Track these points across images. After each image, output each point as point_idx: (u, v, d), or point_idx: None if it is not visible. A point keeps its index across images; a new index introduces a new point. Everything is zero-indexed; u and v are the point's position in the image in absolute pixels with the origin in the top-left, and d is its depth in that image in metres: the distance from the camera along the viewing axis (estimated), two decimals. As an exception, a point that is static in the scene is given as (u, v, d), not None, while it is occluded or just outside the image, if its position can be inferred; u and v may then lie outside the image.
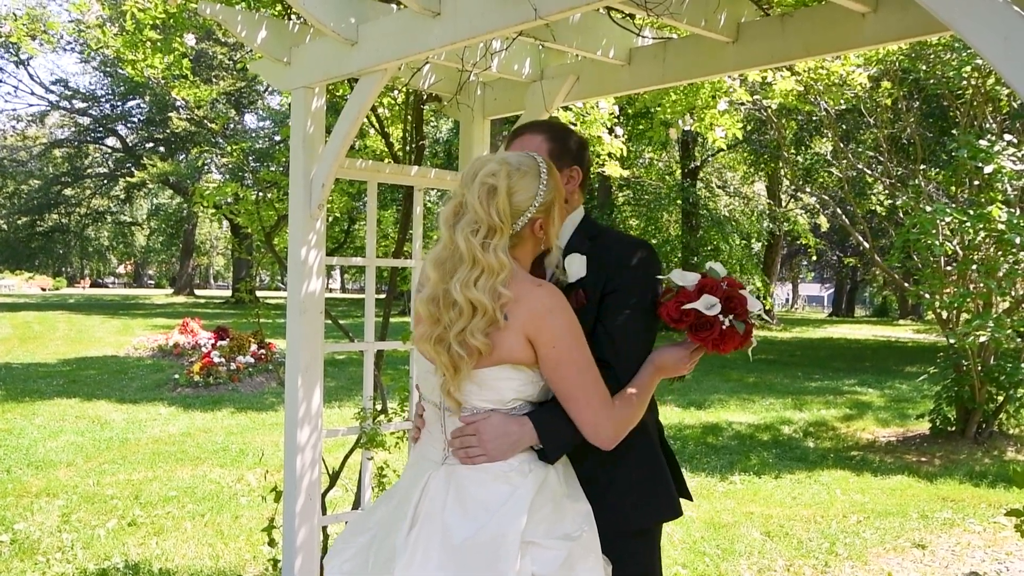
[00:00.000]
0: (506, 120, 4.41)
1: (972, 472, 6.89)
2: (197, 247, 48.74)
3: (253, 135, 33.87)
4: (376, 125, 3.93)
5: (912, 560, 4.78)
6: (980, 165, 6.61)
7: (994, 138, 6.75)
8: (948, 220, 6.66)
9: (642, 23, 2.88)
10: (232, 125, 35.03)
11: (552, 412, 1.86)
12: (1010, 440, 7.96)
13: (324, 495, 3.40)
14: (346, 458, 3.63)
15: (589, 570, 1.80)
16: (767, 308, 23.91)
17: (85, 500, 5.65)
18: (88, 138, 40.13)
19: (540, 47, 3.11)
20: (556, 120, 2.49)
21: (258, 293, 32.21)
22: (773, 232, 24.47)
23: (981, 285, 7.21)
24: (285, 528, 2.89)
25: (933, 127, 13.81)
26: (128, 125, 39.20)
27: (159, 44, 4.18)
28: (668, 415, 9.26)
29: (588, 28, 2.76)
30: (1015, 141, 6.86)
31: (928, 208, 7.03)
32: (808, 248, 19.87)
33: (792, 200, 23.54)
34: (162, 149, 38.10)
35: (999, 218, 6.35)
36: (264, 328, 14.22)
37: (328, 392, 9.47)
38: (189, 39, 4.20)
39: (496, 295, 1.76)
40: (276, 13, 3.48)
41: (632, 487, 2.01)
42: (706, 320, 1.88)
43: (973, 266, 7.15)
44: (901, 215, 8.53)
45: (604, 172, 4.49)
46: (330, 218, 5.02)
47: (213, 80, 30.97)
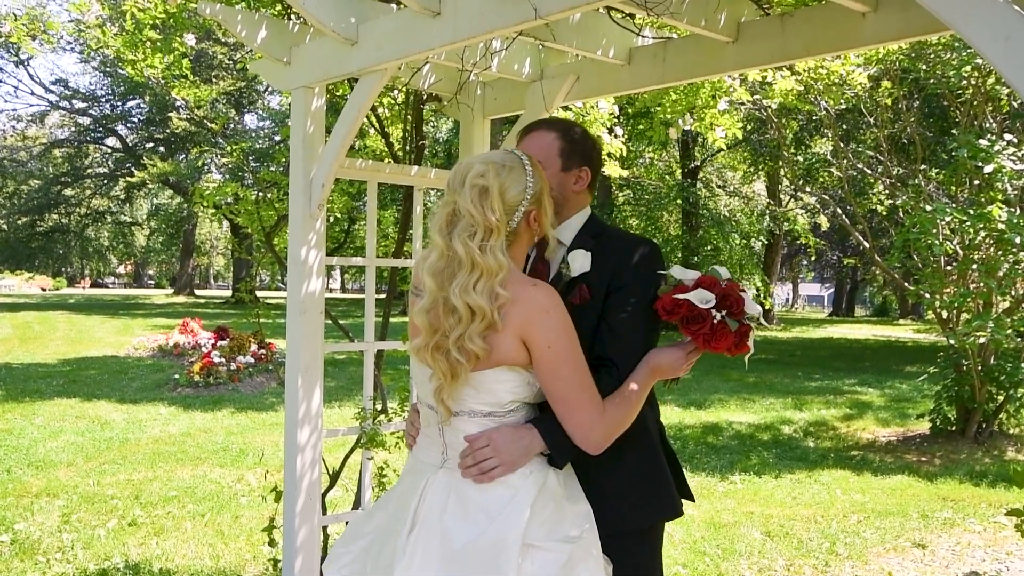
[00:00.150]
0: (506, 120, 4.41)
1: (972, 472, 6.89)
2: (197, 247, 48.75)
3: (253, 135, 33.87)
4: (376, 125, 3.93)
5: (912, 560, 4.78)
6: (980, 165, 6.62)
7: (994, 138, 6.75)
8: (948, 220, 6.66)
9: (642, 23, 2.88)
10: (232, 125, 35.05)
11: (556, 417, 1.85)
12: (1010, 440, 7.96)
13: (324, 495, 3.40)
14: (346, 458, 3.63)
15: (590, 571, 1.80)
16: (767, 308, 23.89)
17: (85, 500, 5.65)
18: (88, 138, 40.14)
19: (540, 47, 3.11)
20: (571, 120, 2.48)
21: (258, 293, 32.24)
22: (773, 232, 24.46)
23: (981, 285, 7.21)
24: (285, 528, 2.89)
25: (933, 127, 13.81)
26: (128, 125, 39.23)
27: (159, 44, 4.18)
28: (668, 415, 9.26)
29: (588, 28, 2.76)
30: (1015, 141, 6.85)
31: (928, 208, 7.03)
32: (808, 248, 19.87)
33: (792, 200, 23.53)
34: (162, 149, 38.10)
35: (999, 218, 6.35)
36: (264, 328, 14.23)
37: (328, 392, 9.47)
38: (189, 39, 4.20)
39: (494, 296, 1.75)
40: (276, 13, 3.49)
41: (632, 487, 2.01)
42: (698, 313, 1.87)
43: (973, 266, 7.14)
44: (901, 215, 8.52)
45: (604, 172, 4.49)
46: (330, 218, 5.02)
47: (213, 80, 30.99)
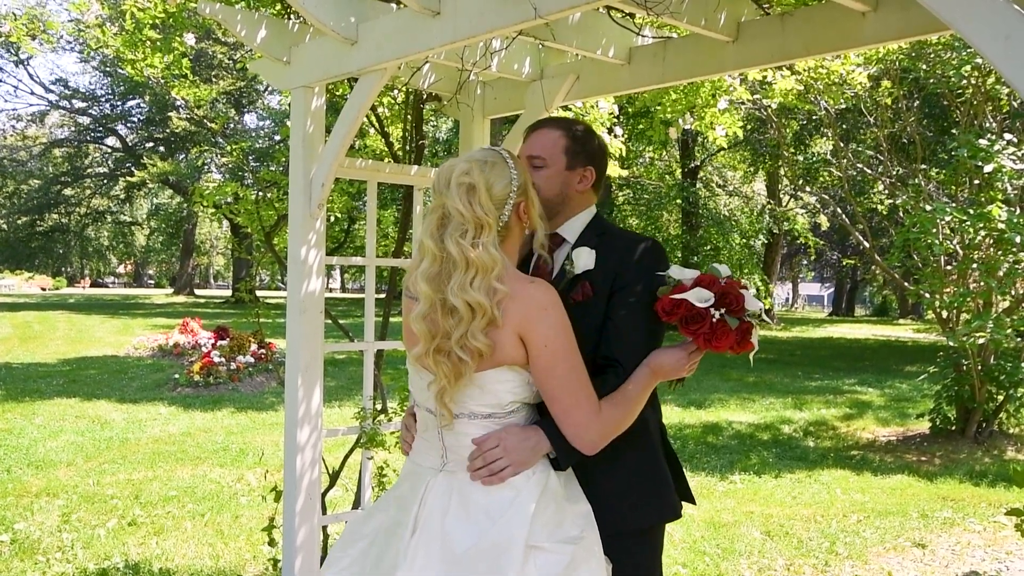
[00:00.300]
0: (506, 120, 4.41)
1: (972, 471, 6.89)
2: (197, 247, 48.74)
3: (253, 135, 33.85)
4: (376, 125, 3.93)
5: (912, 559, 4.78)
6: (980, 164, 6.62)
7: (994, 137, 6.75)
8: (948, 219, 6.66)
9: (642, 22, 2.88)
10: (232, 125, 35.05)
11: None
12: (1010, 439, 7.96)
13: (324, 495, 3.40)
14: (346, 458, 3.64)
15: (591, 572, 1.79)
16: (767, 308, 23.89)
17: (85, 500, 5.65)
18: (88, 138, 40.13)
19: (540, 46, 3.11)
20: (577, 119, 2.48)
21: (258, 293, 32.22)
22: (773, 231, 24.46)
23: (981, 284, 7.21)
24: (285, 528, 2.89)
25: (933, 126, 13.81)
26: (128, 125, 39.21)
27: (159, 44, 4.18)
28: (668, 415, 9.25)
29: (588, 27, 2.76)
30: (1015, 140, 6.85)
31: (928, 207, 7.03)
32: (808, 248, 19.87)
33: (792, 199, 23.54)
34: (162, 149, 38.09)
35: (999, 217, 6.35)
36: (264, 328, 14.27)
37: (328, 392, 9.47)
38: (189, 38, 4.20)
39: (492, 291, 1.75)
40: (276, 12, 3.49)
41: (631, 488, 2.00)
42: (697, 312, 1.86)
43: (973, 265, 7.14)
44: (901, 214, 8.52)
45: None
46: (330, 218, 5.01)
47: (213, 80, 30.99)
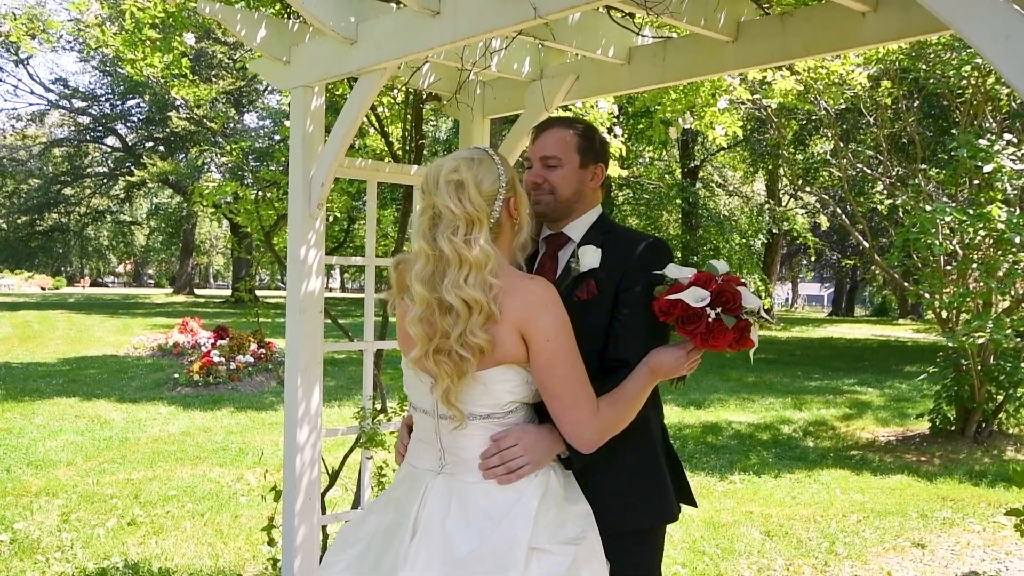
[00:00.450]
0: (505, 119, 4.40)
1: (972, 471, 6.89)
2: (197, 246, 48.72)
3: (253, 134, 33.85)
4: (376, 124, 3.92)
5: (912, 559, 4.78)
6: (980, 164, 6.62)
7: (994, 137, 6.75)
8: (948, 219, 6.66)
9: (642, 22, 2.88)
10: (232, 124, 35.05)
11: None
12: (1010, 439, 7.96)
13: (323, 494, 3.40)
14: (345, 457, 3.64)
15: (593, 572, 1.79)
16: (767, 308, 23.88)
17: (85, 499, 5.65)
18: (88, 137, 40.11)
19: (540, 46, 3.11)
20: (581, 118, 2.50)
21: (258, 292, 32.18)
22: (772, 231, 24.45)
23: (981, 284, 7.21)
24: (284, 527, 2.89)
25: (933, 126, 13.81)
26: (128, 124, 39.19)
27: (158, 43, 4.18)
28: (667, 415, 9.20)
29: (588, 27, 2.76)
30: (1015, 140, 6.85)
31: (928, 207, 7.03)
32: (808, 248, 19.86)
33: (792, 199, 23.53)
34: (162, 148, 38.07)
35: (999, 217, 6.36)
36: (264, 327, 14.26)
37: (328, 391, 9.48)
38: (188, 38, 4.20)
39: (487, 287, 1.74)
40: (275, 12, 3.48)
41: (631, 488, 2.00)
42: (693, 312, 1.85)
43: (973, 265, 7.14)
44: (901, 214, 8.52)
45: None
46: (329, 217, 5.02)
47: (213, 79, 30.98)
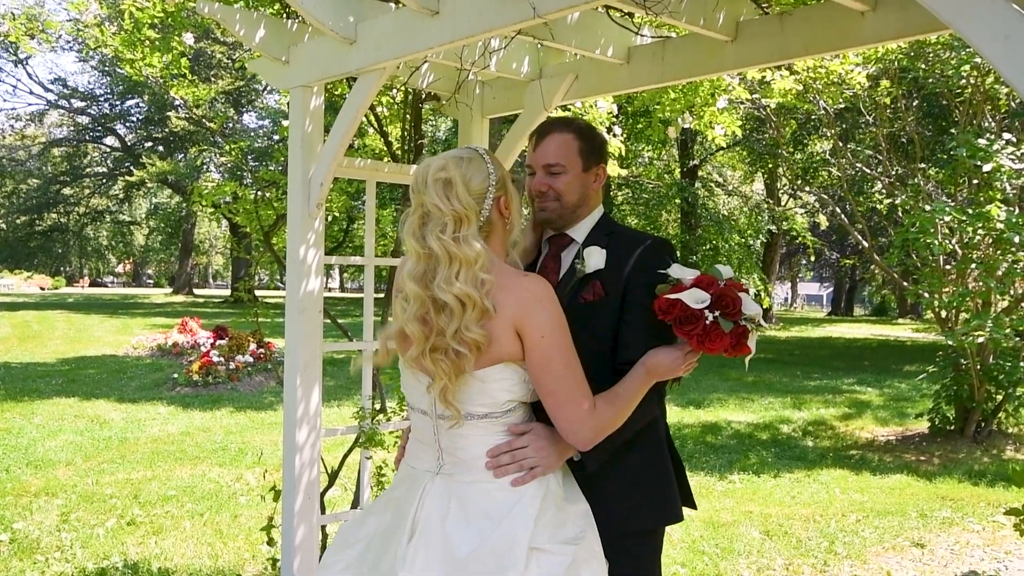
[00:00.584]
0: (505, 119, 4.40)
1: (971, 471, 6.89)
2: (196, 246, 48.70)
3: (252, 134, 33.85)
4: (375, 124, 3.93)
5: (911, 559, 4.78)
6: (979, 164, 6.61)
7: (993, 137, 6.75)
8: (947, 219, 6.66)
9: (641, 22, 2.88)
10: (231, 124, 35.02)
11: None
12: (1009, 439, 7.96)
13: (323, 494, 3.40)
14: (345, 457, 3.64)
15: (592, 572, 1.79)
16: (766, 308, 23.88)
17: (84, 499, 5.65)
18: (87, 137, 40.08)
19: (539, 46, 3.11)
20: (580, 118, 2.50)
21: (257, 292, 32.18)
22: (772, 231, 24.45)
23: (980, 284, 7.21)
24: (284, 527, 2.88)
25: (932, 126, 13.80)
26: (127, 124, 39.18)
27: (157, 43, 4.18)
28: (667, 414, 9.25)
29: (587, 27, 2.76)
30: (1014, 140, 6.85)
31: (927, 207, 7.03)
32: (807, 247, 19.86)
33: (791, 199, 23.53)
34: (161, 148, 38.05)
35: (998, 217, 6.36)
36: (263, 327, 14.25)
37: (327, 391, 9.47)
38: (188, 38, 4.20)
39: (479, 282, 1.74)
40: (274, 12, 3.49)
41: (634, 488, 2.00)
42: (691, 313, 1.85)
43: (972, 265, 7.14)
44: (900, 214, 8.52)
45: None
46: (329, 217, 5.01)
47: (212, 79, 30.97)
